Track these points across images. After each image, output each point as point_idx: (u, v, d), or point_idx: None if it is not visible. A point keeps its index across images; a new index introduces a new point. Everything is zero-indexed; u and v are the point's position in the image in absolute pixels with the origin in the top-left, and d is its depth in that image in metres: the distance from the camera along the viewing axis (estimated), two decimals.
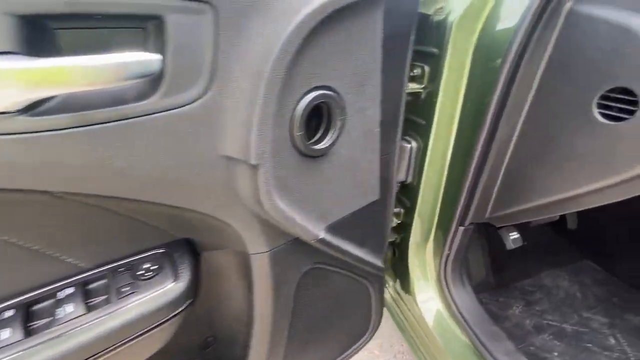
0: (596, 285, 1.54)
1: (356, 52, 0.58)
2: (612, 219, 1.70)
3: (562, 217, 1.78)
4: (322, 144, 0.60)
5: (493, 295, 1.52)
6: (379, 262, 0.87)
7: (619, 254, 1.60)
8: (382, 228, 0.92)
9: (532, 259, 1.71)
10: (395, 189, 0.97)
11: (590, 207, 0.83)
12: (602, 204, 0.80)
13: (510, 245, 1.18)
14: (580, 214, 1.78)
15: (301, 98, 0.53)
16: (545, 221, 1.60)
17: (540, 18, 0.74)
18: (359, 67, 0.60)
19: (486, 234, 1.54)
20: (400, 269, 1.40)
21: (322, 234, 0.67)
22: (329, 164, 0.63)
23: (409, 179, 1.20)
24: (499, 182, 1.01)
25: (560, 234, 1.85)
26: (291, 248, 0.65)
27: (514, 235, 1.18)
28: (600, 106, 0.72)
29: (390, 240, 1.40)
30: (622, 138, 0.69)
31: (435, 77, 1.00)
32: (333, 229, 0.71)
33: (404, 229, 1.33)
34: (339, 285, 0.83)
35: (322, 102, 0.57)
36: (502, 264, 1.65)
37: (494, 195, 1.04)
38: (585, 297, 1.48)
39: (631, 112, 0.67)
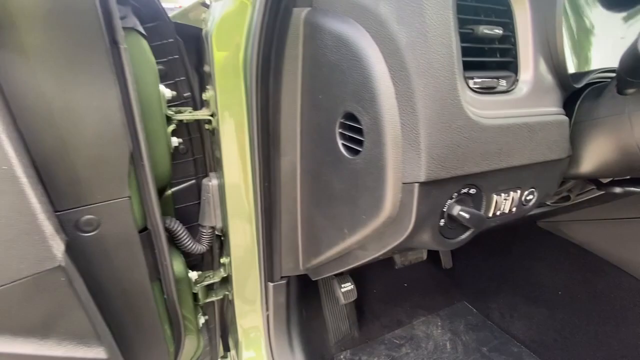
0: (469, 331, 1.40)
1: None
2: (485, 256, 1.61)
3: (438, 256, 1.67)
4: None
5: (356, 353, 1.31)
6: (100, 354, 0.61)
7: (491, 293, 1.50)
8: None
9: (409, 302, 1.55)
10: (130, 243, 0.70)
11: (369, 262, 0.66)
12: (373, 261, 0.63)
13: (341, 301, 0.99)
14: (455, 251, 1.68)
15: None
16: (417, 260, 1.46)
17: (272, 30, 0.59)
18: None
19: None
20: (233, 332, 1.14)
21: None
22: None
23: (218, 224, 0.98)
24: (299, 228, 0.82)
25: (443, 272, 1.73)
26: None
27: (347, 287, 0.99)
28: (341, 136, 0.57)
29: (220, 297, 1.15)
30: (358, 176, 0.53)
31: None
32: None
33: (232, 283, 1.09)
34: None
35: None
36: (372, 311, 1.46)
37: (300, 245, 0.85)
38: (454, 348, 1.32)
39: (361, 143, 0.52)
